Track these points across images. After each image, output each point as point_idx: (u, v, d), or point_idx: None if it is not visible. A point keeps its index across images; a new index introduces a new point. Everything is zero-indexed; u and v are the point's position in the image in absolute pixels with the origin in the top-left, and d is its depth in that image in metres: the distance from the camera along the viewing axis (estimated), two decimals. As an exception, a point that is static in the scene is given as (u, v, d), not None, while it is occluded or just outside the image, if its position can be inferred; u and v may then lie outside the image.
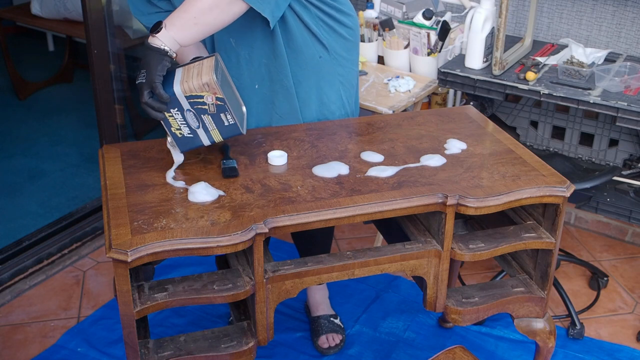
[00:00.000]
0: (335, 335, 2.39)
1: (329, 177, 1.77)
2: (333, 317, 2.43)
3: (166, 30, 1.66)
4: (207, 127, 1.74)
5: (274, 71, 1.98)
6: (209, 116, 1.72)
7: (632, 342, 2.49)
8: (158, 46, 1.66)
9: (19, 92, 4.31)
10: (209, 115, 1.72)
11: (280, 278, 1.68)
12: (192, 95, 1.68)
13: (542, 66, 2.62)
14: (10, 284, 2.66)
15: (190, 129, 1.74)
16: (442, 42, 2.84)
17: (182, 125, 1.73)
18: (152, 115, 1.69)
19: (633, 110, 2.31)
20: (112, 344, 2.41)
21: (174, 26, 1.67)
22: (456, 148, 1.93)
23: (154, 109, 1.68)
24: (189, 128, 1.74)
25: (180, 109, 1.70)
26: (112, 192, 1.69)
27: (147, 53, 1.67)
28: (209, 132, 1.75)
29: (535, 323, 1.95)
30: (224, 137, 1.78)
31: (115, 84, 2.92)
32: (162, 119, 1.71)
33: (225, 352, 1.68)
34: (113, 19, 2.90)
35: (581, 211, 3.08)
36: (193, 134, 1.75)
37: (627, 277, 2.83)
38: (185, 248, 1.52)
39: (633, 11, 2.76)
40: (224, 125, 1.74)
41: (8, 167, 3.55)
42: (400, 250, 1.77)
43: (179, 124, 1.73)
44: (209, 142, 1.77)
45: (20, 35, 5.08)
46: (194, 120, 1.72)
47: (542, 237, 1.83)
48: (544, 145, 2.89)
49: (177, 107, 1.70)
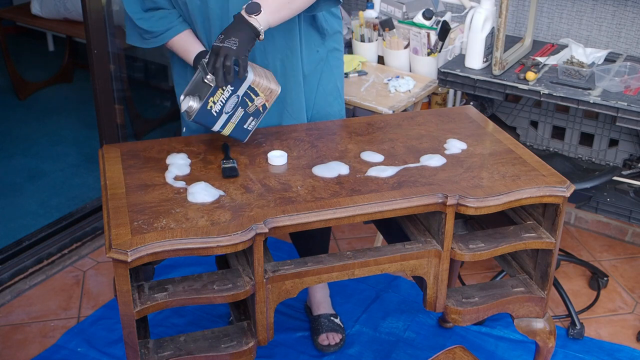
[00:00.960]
0: (335, 334, 2.40)
1: (329, 177, 1.77)
2: (333, 316, 2.44)
3: (263, 13, 1.73)
4: (232, 118, 1.79)
5: (289, 66, 1.99)
6: (243, 112, 1.80)
7: (632, 342, 2.49)
8: (256, 27, 1.73)
9: (19, 92, 4.31)
10: (244, 111, 1.80)
11: (280, 278, 1.68)
12: (253, 89, 1.78)
13: (542, 66, 2.62)
14: (10, 284, 2.66)
15: (221, 109, 1.77)
16: (442, 42, 2.84)
17: (220, 103, 1.76)
18: (218, 78, 1.71)
19: (633, 110, 2.31)
20: (112, 344, 2.41)
21: (269, 9, 1.75)
22: (456, 148, 1.93)
23: (225, 74, 1.71)
24: (221, 108, 1.77)
25: (234, 90, 1.76)
26: (112, 192, 1.69)
27: (241, 27, 1.73)
28: (229, 122, 1.79)
29: (535, 323, 1.95)
30: (231, 135, 1.82)
31: (115, 84, 2.92)
32: (220, 85, 1.73)
33: (225, 352, 1.68)
34: (113, 19, 2.90)
35: (581, 211, 3.07)
36: (217, 115, 1.78)
37: (627, 277, 2.83)
38: (185, 248, 1.52)
39: (633, 11, 2.76)
40: (242, 126, 1.82)
41: (8, 167, 3.55)
42: (400, 250, 1.77)
43: (220, 99, 1.76)
44: (219, 129, 1.80)
45: (20, 35, 5.08)
46: (231, 105, 1.77)
47: (542, 237, 1.83)
48: (544, 145, 2.89)
49: (235, 87, 1.76)
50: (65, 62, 4.51)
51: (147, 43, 1.97)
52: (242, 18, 1.74)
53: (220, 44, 1.71)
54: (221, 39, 1.72)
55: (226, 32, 1.73)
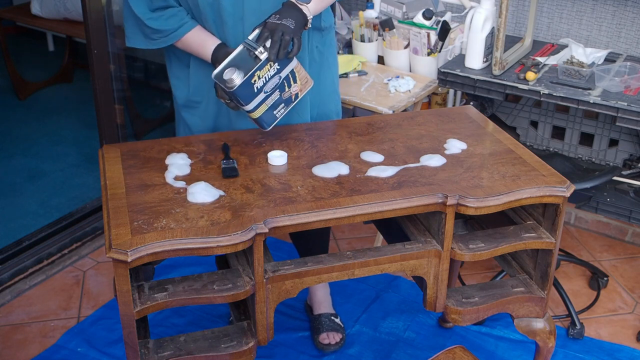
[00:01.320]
0: (335, 333, 2.40)
1: (329, 177, 1.77)
2: (334, 316, 2.44)
3: (313, 2, 1.85)
4: (267, 100, 1.82)
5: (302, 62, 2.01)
6: (279, 95, 1.84)
7: (632, 342, 2.49)
8: (306, 14, 1.82)
9: (19, 92, 4.31)
10: (280, 95, 1.85)
11: (280, 278, 1.68)
12: (294, 74, 1.85)
13: (542, 66, 2.62)
14: (10, 284, 2.66)
15: (262, 87, 1.80)
16: (442, 42, 2.84)
17: (264, 79, 1.80)
18: (272, 51, 1.76)
19: (633, 110, 2.31)
20: (112, 344, 2.41)
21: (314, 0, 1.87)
22: (456, 148, 1.93)
23: (281, 49, 1.77)
24: (262, 86, 1.80)
25: (279, 71, 1.81)
26: (112, 192, 1.69)
27: (295, 11, 1.81)
28: (262, 104, 1.83)
29: (535, 323, 1.95)
30: (259, 118, 1.85)
31: (115, 84, 2.92)
32: (273, 59, 1.77)
33: (225, 352, 1.68)
34: (113, 19, 2.90)
35: (581, 211, 3.07)
36: (257, 92, 1.80)
37: (627, 277, 2.83)
38: (185, 248, 1.52)
39: (633, 11, 2.76)
40: (272, 112, 1.86)
41: (8, 167, 3.55)
42: (400, 250, 1.77)
43: (265, 75, 1.79)
44: (252, 108, 1.81)
45: (20, 35, 5.08)
46: (271, 86, 1.82)
47: (542, 237, 1.83)
48: (544, 145, 2.89)
49: (281, 67, 1.81)
50: (65, 62, 4.51)
51: (154, 43, 1.95)
52: (294, 4, 1.81)
53: (277, 21, 1.77)
54: (277, 18, 1.78)
55: (280, 13, 1.79)
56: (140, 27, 1.94)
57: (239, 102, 1.81)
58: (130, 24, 1.97)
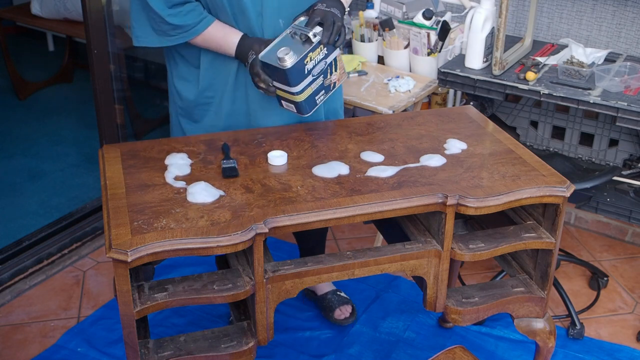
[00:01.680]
0: (346, 306, 2.50)
1: (329, 177, 1.77)
2: (338, 291, 2.53)
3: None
4: (313, 84, 1.88)
5: None
6: (322, 81, 1.91)
7: (632, 342, 2.49)
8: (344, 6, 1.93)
9: (19, 92, 4.30)
10: (323, 81, 1.91)
11: (280, 278, 1.68)
12: (336, 62, 1.93)
13: (542, 66, 2.62)
14: (10, 284, 2.66)
15: (311, 69, 1.86)
16: (442, 42, 2.84)
17: (314, 62, 1.86)
18: (324, 36, 1.84)
19: (633, 110, 2.31)
20: (112, 344, 2.41)
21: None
22: (456, 148, 1.93)
23: (332, 34, 1.85)
24: (312, 68, 1.86)
25: (326, 56, 1.89)
26: (112, 192, 1.69)
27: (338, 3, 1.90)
28: (308, 87, 1.88)
29: (535, 323, 1.95)
30: (301, 103, 1.89)
31: (115, 84, 2.92)
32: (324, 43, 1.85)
33: (225, 352, 1.68)
34: (113, 19, 2.89)
35: (581, 211, 3.07)
36: (306, 74, 1.86)
37: (627, 277, 2.83)
38: (185, 248, 1.52)
39: (633, 11, 2.76)
40: (314, 97, 1.91)
41: (8, 167, 3.55)
42: (400, 250, 1.77)
43: (315, 58, 1.86)
44: (298, 90, 1.86)
45: (20, 35, 5.08)
46: (318, 70, 1.88)
47: (542, 237, 1.83)
48: (544, 145, 2.89)
49: (328, 52, 1.89)
50: (65, 62, 4.51)
51: (170, 40, 1.94)
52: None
53: (326, 8, 1.86)
54: (325, 5, 1.86)
55: (326, 1, 1.87)
56: (155, 24, 1.92)
57: (287, 83, 1.84)
58: (141, 22, 1.95)
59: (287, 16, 1.94)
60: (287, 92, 1.87)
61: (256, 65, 1.87)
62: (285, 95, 1.89)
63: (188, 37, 1.92)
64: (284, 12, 1.94)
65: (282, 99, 1.92)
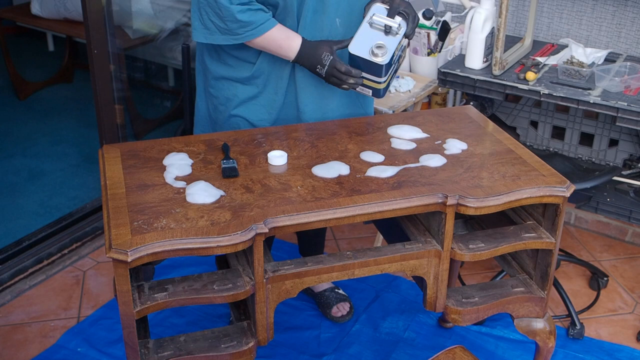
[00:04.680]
0: (344, 304, 2.52)
1: (329, 177, 1.77)
2: (335, 288, 2.55)
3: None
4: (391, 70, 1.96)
5: None
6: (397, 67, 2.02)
7: (632, 342, 2.49)
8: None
9: (19, 92, 4.30)
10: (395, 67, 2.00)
11: (280, 278, 1.68)
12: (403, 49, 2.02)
13: (542, 66, 2.62)
14: (10, 284, 2.66)
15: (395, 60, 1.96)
16: (442, 42, 2.84)
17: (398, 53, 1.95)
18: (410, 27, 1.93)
19: (633, 110, 2.31)
20: (112, 344, 2.41)
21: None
22: (456, 148, 1.93)
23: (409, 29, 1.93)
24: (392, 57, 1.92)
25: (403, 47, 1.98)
26: (112, 192, 1.69)
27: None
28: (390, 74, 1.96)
29: (535, 323, 1.95)
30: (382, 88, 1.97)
31: (115, 84, 2.92)
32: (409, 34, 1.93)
33: (225, 352, 1.69)
34: (113, 19, 2.89)
35: (581, 211, 3.07)
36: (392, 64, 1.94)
37: (627, 277, 2.83)
38: (185, 248, 1.52)
39: (633, 11, 2.76)
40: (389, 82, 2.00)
41: (8, 167, 3.55)
42: (400, 250, 1.77)
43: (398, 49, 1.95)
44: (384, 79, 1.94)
45: (20, 35, 5.07)
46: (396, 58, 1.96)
47: (542, 237, 1.83)
48: (544, 145, 2.89)
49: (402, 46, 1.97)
50: (65, 62, 4.51)
51: (235, 39, 1.90)
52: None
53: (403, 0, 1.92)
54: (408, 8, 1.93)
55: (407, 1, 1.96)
56: (220, 21, 1.89)
57: (378, 75, 1.91)
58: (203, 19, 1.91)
59: (343, 16, 1.98)
60: (371, 80, 1.94)
61: (343, 64, 1.91)
62: (365, 82, 1.96)
63: (255, 35, 1.90)
64: (340, 12, 1.98)
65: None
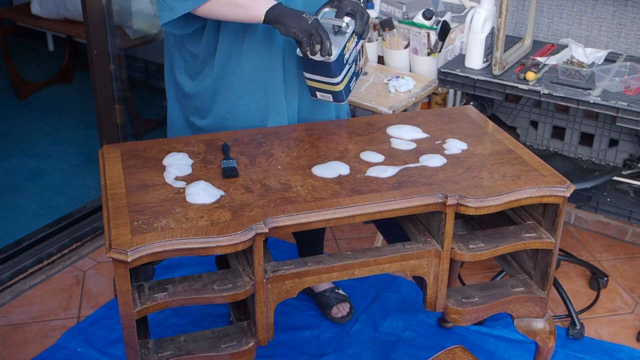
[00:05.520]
0: (344, 304, 2.52)
1: (329, 177, 1.77)
2: (335, 288, 2.55)
3: None
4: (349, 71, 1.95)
5: None
6: (354, 67, 1.99)
7: (632, 342, 2.49)
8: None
9: (19, 92, 4.30)
10: (355, 69, 1.99)
11: (280, 278, 1.68)
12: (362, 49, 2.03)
13: (542, 66, 2.62)
14: (10, 284, 2.66)
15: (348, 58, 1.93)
16: (442, 42, 2.84)
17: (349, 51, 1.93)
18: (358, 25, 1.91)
19: (633, 110, 2.31)
20: (112, 344, 2.41)
21: None
22: (456, 148, 1.93)
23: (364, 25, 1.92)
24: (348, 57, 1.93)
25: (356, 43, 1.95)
26: (112, 192, 1.69)
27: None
28: (346, 75, 1.94)
29: (535, 323, 1.95)
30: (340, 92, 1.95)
31: (115, 84, 2.92)
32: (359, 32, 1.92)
33: (225, 352, 1.68)
34: (113, 19, 2.89)
35: (581, 211, 3.07)
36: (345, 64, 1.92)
37: (627, 277, 2.83)
38: (185, 248, 1.52)
39: (633, 11, 2.76)
40: (348, 84, 1.98)
41: (8, 167, 3.55)
42: (400, 250, 1.77)
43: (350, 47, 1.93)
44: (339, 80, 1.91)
45: (20, 35, 5.07)
46: (352, 57, 1.95)
47: (542, 237, 1.83)
48: (544, 145, 2.89)
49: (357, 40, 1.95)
50: (65, 62, 4.51)
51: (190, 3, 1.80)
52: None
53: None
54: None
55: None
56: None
57: (330, 75, 1.89)
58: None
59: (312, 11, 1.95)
60: (326, 83, 1.93)
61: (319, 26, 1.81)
62: (321, 86, 1.95)
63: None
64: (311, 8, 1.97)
65: (317, 90, 1.97)
